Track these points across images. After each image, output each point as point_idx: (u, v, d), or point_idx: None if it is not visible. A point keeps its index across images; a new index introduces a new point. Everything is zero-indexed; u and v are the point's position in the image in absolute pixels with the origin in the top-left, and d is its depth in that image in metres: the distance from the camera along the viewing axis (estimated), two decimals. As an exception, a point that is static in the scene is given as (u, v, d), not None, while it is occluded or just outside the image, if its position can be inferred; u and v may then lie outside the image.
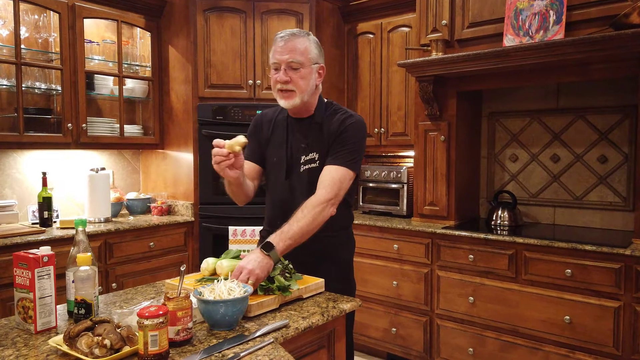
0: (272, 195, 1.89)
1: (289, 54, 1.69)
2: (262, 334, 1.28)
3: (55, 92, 3.14)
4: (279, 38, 1.72)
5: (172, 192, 3.59)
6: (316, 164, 1.77)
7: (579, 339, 2.46)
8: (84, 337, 1.13)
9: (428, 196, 3.17)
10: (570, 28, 2.57)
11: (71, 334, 1.14)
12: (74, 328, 1.15)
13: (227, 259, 1.66)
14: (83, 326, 1.16)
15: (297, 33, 1.72)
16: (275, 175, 1.86)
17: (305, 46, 1.71)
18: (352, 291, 1.91)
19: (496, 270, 2.70)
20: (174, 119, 3.53)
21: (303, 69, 1.70)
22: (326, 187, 1.68)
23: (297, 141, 1.81)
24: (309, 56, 1.72)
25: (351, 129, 1.76)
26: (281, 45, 1.70)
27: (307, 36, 1.74)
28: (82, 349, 1.12)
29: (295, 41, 1.70)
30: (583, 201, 3.01)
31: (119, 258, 3.02)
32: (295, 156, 1.80)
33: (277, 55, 1.71)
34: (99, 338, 1.12)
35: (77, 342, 1.13)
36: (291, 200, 1.77)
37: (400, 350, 3.12)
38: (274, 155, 1.85)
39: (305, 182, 1.77)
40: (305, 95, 1.74)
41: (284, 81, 1.70)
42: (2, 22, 2.92)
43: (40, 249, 1.33)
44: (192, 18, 3.32)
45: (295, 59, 1.69)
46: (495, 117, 3.34)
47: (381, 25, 3.54)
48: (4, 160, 3.07)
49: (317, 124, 1.80)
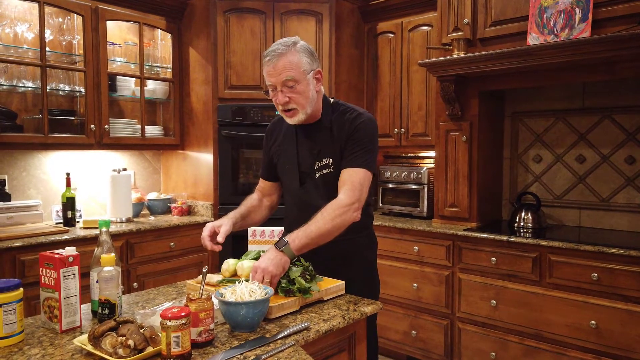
0: (288, 201, 1.90)
1: (280, 74, 1.64)
2: (283, 337, 1.28)
3: (78, 93, 3.19)
4: (267, 59, 1.67)
5: (192, 192, 3.61)
6: (330, 169, 1.76)
7: (605, 344, 2.39)
8: (108, 337, 1.14)
9: (449, 197, 3.13)
10: (596, 26, 2.51)
11: (95, 334, 1.15)
12: (98, 328, 1.16)
13: (247, 260, 1.66)
14: (107, 326, 1.17)
15: (282, 50, 1.65)
16: (289, 183, 1.86)
17: (294, 60, 1.65)
18: (376, 292, 1.89)
19: (519, 274, 2.65)
20: (194, 120, 3.55)
21: (299, 84, 1.66)
22: (347, 191, 1.66)
23: (308, 148, 1.79)
24: (302, 69, 1.66)
25: (362, 128, 1.73)
26: (271, 66, 1.66)
27: (293, 48, 1.67)
28: (106, 348, 1.12)
29: (283, 59, 1.64)
30: (610, 203, 2.94)
31: (140, 258, 3.05)
32: (307, 163, 1.79)
33: (270, 78, 1.68)
34: (122, 338, 1.13)
35: (101, 342, 1.14)
36: (307, 207, 1.76)
37: (420, 353, 3.09)
38: (286, 163, 1.85)
39: (321, 187, 1.77)
40: (308, 107, 1.71)
41: (284, 102, 1.68)
42: (28, 26, 2.98)
43: (65, 249, 1.34)
44: (213, 19, 3.34)
45: (288, 76, 1.64)
46: (518, 117, 3.28)
47: (401, 24, 3.50)
48: (29, 161, 3.13)
49: (326, 128, 1.77)
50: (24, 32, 2.97)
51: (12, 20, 2.95)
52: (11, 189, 3.04)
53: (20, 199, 3.07)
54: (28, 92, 3.05)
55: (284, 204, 1.94)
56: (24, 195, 3.10)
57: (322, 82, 1.76)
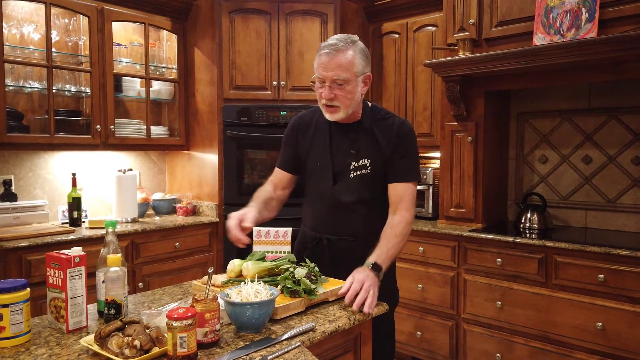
0: (316, 200, 1.86)
1: (334, 70, 1.63)
2: (288, 337, 1.27)
3: (84, 94, 3.20)
4: (324, 52, 1.64)
5: (197, 192, 3.62)
6: (367, 170, 1.74)
7: (612, 346, 2.38)
8: (115, 338, 1.14)
9: (454, 198, 3.12)
10: (603, 26, 2.49)
11: (102, 334, 1.15)
12: (104, 328, 1.16)
13: (252, 261, 1.66)
14: (113, 327, 1.17)
15: (342, 46, 1.63)
16: (319, 181, 1.82)
17: (351, 60, 1.64)
18: (396, 297, 1.90)
19: (525, 275, 2.64)
20: (199, 121, 3.56)
21: (348, 85, 1.65)
22: (409, 208, 1.73)
23: (344, 147, 1.77)
24: (355, 70, 1.65)
25: (410, 136, 1.78)
26: (326, 60, 1.64)
27: (352, 46, 1.66)
28: (112, 349, 1.13)
29: (341, 56, 1.62)
30: (616, 204, 2.92)
31: (146, 258, 3.06)
32: (343, 162, 1.76)
33: (321, 70, 1.65)
34: (129, 339, 1.13)
35: (107, 342, 1.14)
36: (338, 205, 1.76)
37: (425, 354, 3.08)
38: (317, 160, 1.81)
39: (355, 188, 1.75)
40: (351, 108, 1.71)
41: (329, 98, 1.66)
42: (34, 27, 3.00)
43: (72, 250, 1.35)
44: (218, 20, 3.35)
45: (340, 76, 1.63)
46: (524, 117, 3.27)
47: (406, 24, 3.50)
48: (35, 162, 3.15)
49: (367, 130, 1.76)
50: (30, 33, 2.98)
51: (18, 21, 2.96)
52: (17, 189, 3.05)
53: (26, 199, 3.08)
54: (34, 92, 3.06)
55: (308, 201, 1.91)
56: (30, 196, 3.11)
57: (369, 87, 1.76)
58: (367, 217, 1.78)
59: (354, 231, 1.79)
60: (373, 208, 1.79)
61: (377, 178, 1.76)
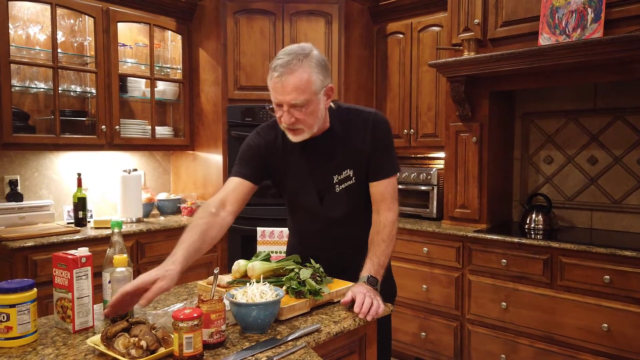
0: (302, 219, 1.78)
1: (290, 94, 1.46)
2: (294, 338, 1.27)
3: (89, 94, 3.21)
4: (275, 74, 1.47)
5: (201, 192, 3.63)
6: (352, 180, 1.66)
7: (618, 347, 2.37)
8: (121, 338, 1.15)
9: (459, 198, 3.12)
10: (609, 26, 2.48)
11: (108, 335, 1.16)
12: (111, 329, 1.17)
13: (258, 261, 1.66)
14: (120, 327, 1.18)
15: (294, 65, 1.45)
16: (303, 200, 1.72)
17: (307, 79, 1.47)
18: (393, 295, 1.88)
19: (530, 276, 2.63)
20: (204, 121, 3.57)
21: (309, 106, 1.49)
22: (391, 206, 1.65)
23: (322, 161, 1.66)
24: (313, 88, 1.48)
25: (383, 127, 1.66)
26: (279, 84, 1.47)
27: (306, 61, 1.47)
28: (119, 349, 1.13)
29: (294, 77, 1.45)
30: (622, 205, 2.91)
31: (150, 258, 3.06)
32: (324, 178, 1.67)
33: (277, 95, 1.49)
34: (135, 339, 1.13)
35: (114, 342, 1.15)
36: (329, 222, 1.70)
37: (429, 355, 3.07)
38: (296, 181, 1.69)
39: (344, 201, 1.68)
40: (316, 127, 1.57)
41: (290, 123, 1.52)
42: (40, 27, 3.01)
43: (78, 250, 1.35)
44: (222, 20, 3.35)
45: (297, 100, 1.47)
46: (529, 117, 3.26)
47: (411, 25, 3.49)
48: (41, 162, 3.16)
49: (340, 137, 1.64)
50: (36, 33, 3.00)
51: (24, 22, 2.98)
52: (23, 189, 3.07)
53: (32, 199, 3.10)
54: (40, 93, 3.07)
55: (296, 219, 1.83)
56: (35, 196, 3.13)
57: (332, 97, 1.60)
58: (361, 229, 1.70)
59: (351, 244, 1.72)
60: (366, 217, 1.71)
61: (365, 185, 1.69)
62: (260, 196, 3.43)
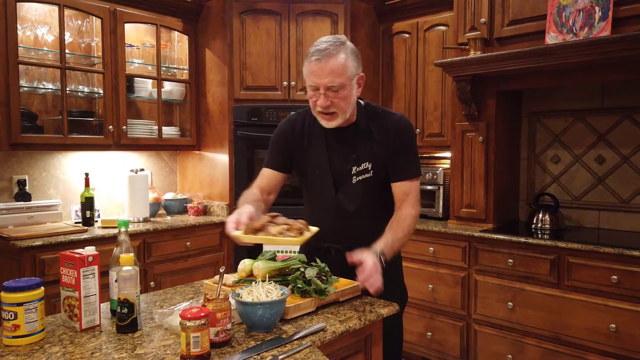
0: (319, 209, 1.80)
1: (327, 77, 1.56)
2: (299, 337, 1.28)
3: (97, 95, 3.24)
4: (314, 58, 1.57)
5: (208, 192, 3.64)
6: (370, 173, 1.70)
7: (626, 348, 2.35)
8: (271, 227, 1.43)
9: (465, 198, 3.11)
10: (616, 25, 2.46)
11: (255, 228, 1.42)
12: (254, 224, 1.43)
13: (263, 261, 1.66)
14: (265, 220, 1.46)
15: (332, 50, 1.57)
16: (321, 189, 1.76)
17: (343, 64, 1.58)
18: (405, 300, 1.89)
19: (537, 276, 2.62)
20: (210, 121, 3.58)
21: (344, 90, 1.59)
22: (414, 205, 1.70)
23: (343, 152, 1.72)
24: (349, 74, 1.59)
25: (407, 132, 1.73)
26: (318, 67, 1.57)
27: (342, 48, 1.59)
28: (274, 232, 1.41)
29: (332, 61, 1.56)
30: (630, 204, 2.89)
31: (157, 257, 3.08)
32: (343, 168, 1.71)
33: (314, 77, 1.59)
34: (286, 226, 1.43)
35: (264, 231, 1.42)
36: (343, 213, 1.71)
37: (435, 355, 3.07)
38: (315, 168, 1.75)
39: (360, 193, 1.71)
40: (348, 113, 1.65)
41: (326, 106, 1.60)
42: (48, 28, 3.04)
43: (85, 249, 1.36)
44: (229, 21, 3.36)
45: (334, 82, 1.57)
46: (536, 117, 3.24)
47: (417, 24, 3.48)
48: (49, 162, 3.18)
49: (365, 132, 1.71)
50: (44, 34, 3.02)
51: (32, 23, 3.00)
52: (31, 189, 3.09)
53: (40, 198, 3.12)
54: (48, 93, 3.10)
55: (309, 210, 1.86)
56: (44, 195, 3.16)
57: (362, 87, 1.70)
58: (374, 223, 1.73)
59: (362, 240, 1.70)
60: (379, 212, 1.74)
61: (381, 180, 1.73)
62: (266, 196, 3.45)
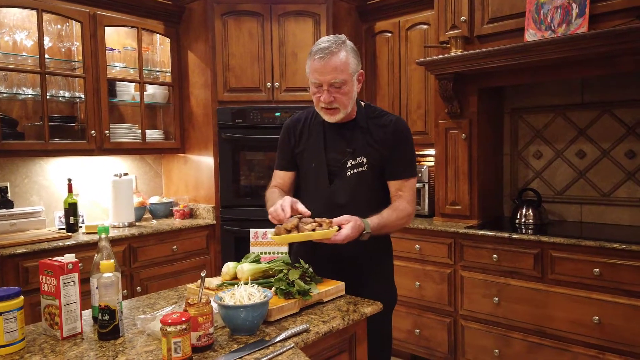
0: (310, 200, 1.81)
1: (330, 74, 1.64)
2: (282, 339, 1.28)
3: (78, 99, 3.20)
4: (317, 57, 1.65)
5: (193, 195, 3.62)
6: (364, 167, 1.75)
7: (609, 339, 2.39)
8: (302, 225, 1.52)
9: (450, 195, 3.13)
10: (593, 21, 2.50)
11: (287, 228, 1.51)
12: (286, 225, 1.52)
13: (247, 263, 1.67)
14: (295, 221, 1.53)
15: (334, 48, 1.64)
16: (315, 181, 1.82)
17: (345, 61, 1.65)
18: (394, 301, 1.91)
19: (521, 270, 2.65)
20: (194, 123, 3.57)
21: (346, 86, 1.67)
22: (411, 202, 1.77)
23: (340, 145, 1.78)
24: (350, 70, 1.67)
25: (404, 132, 1.79)
26: (321, 64, 1.65)
27: (343, 46, 1.67)
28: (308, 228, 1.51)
29: (334, 58, 1.64)
30: (611, 198, 2.93)
31: (143, 262, 3.06)
32: (339, 161, 1.77)
33: (317, 75, 1.66)
34: (315, 224, 1.52)
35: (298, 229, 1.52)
36: (335, 206, 1.73)
37: (424, 351, 3.09)
38: (312, 161, 1.82)
39: (353, 186, 1.75)
40: (349, 108, 1.73)
41: (329, 101, 1.68)
42: (27, 33, 3.00)
43: (65, 257, 1.35)
44: (211, 23, 3.35)
45: (337, 78, 1.65)
46: (518, 113, 3.28)
47: (399, 23, 3.50)
48: (31, 168, 3.15)
49: (363, 128, 1.77)
50: (22, 39, 2.99)
51: (10, 28, 2.96)
52: (13, 196, 3.05)
53: (22, 205, 3.08)
54: (28, 99, 3.06)
55: (303, 202, 1.84)
56: (26, 202, 3.12)
57: (362, 84, 1.78)
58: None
59: None
60: (370, 208, 1.75)
61: (375, 176, 1.77)
62: (253, 197, 3.45)
